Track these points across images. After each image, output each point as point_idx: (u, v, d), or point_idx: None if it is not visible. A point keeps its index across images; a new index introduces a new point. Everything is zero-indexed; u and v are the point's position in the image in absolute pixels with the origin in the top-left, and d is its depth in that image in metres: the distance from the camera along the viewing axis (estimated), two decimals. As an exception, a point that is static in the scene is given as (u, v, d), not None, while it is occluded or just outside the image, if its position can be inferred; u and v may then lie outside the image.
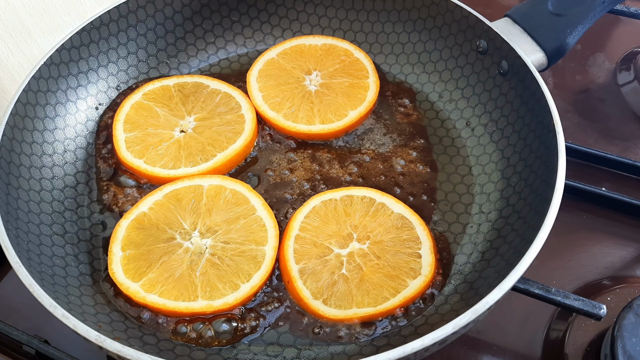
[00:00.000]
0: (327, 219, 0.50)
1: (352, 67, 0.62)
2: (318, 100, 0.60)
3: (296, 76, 0.62)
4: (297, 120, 0.58)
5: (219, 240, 0.49)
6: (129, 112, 0.58)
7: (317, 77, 0.62)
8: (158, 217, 0.51)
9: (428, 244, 0.49)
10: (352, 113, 0.59)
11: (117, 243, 0.49)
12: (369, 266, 0.47)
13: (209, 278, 0.47)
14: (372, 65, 0.63)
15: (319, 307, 0.45)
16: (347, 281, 0.46)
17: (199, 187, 0.52)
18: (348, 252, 0.48)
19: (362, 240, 0.48)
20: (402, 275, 0.47)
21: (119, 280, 0.47)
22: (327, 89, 0.61)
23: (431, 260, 0.48)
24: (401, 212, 0.50)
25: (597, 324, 0.50)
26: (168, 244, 0.49)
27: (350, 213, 0.50)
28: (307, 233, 0.49)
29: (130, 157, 0.55)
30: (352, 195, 0.51)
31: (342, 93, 0.60)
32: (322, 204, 0.51)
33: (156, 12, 0.64)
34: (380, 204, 0.51)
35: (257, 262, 0.48)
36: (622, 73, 0.75)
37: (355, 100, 0.60)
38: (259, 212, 0.51)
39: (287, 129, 0.58)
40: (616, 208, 0.60)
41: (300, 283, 0.46)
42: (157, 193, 0.52)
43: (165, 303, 0.46)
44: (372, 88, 0.61)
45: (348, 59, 0.63)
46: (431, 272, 0.47)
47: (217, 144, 0.56)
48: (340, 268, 0.47)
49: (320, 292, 0.46)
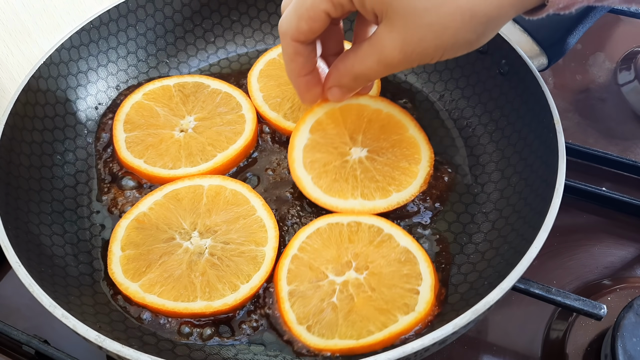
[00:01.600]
0: (330, 242, 0.48)
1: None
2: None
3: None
4: (297, 120, 0.58)
5: (219, 241, 0.49)
6: (129, 112, 0.58)
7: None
8: (158, 217, 0.51)
9: (429, 282, 0.46)
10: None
11: (117, 243, 0.49)
12: (361, 297, 0.45)
13: (208, 278, 0.47)
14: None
15: (302, 333, 0.44)
16: (335, 310, 0.44)
17: (199, 187, 0.52)
18: (343, 281, 0.46)
19: (360, 270, 0.46)
20: (393, 309, 0.44)
21: (118, 280, 0.47)
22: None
23: (429, 298, 0.44)
24: (407, 246, 0.48)
25: (598, 324, 0.50)
26: (168, 244, 0.49)
27: (354, 240, 0.48)
28: (305, 254, 0.47)
29: (130, 157, 0.55)
30: (361, 222, 0.49)
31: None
32: (327, 226, 0.49)
33: (156, 11, 0.64)
34: (388, 235, 0.48)
35: (257, 263, 0.48)
36: (622, 73, 0.75)
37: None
38: (259, 213, 0.51)
39: (287, 129, 0.58)
40: (616, 208, 0.60)
41: (288, 305, 0.45)
42: (157, 193, 0.52)
43: (165, 303, 0.46)
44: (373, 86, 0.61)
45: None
46: (426, 310, 0.44)
47: (217, 144, 0.56)
48: (331, 296, 0.45)
49: (306, 318, 0.44)
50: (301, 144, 0.53)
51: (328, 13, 0.42)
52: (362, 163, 0.53)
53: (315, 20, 0.42)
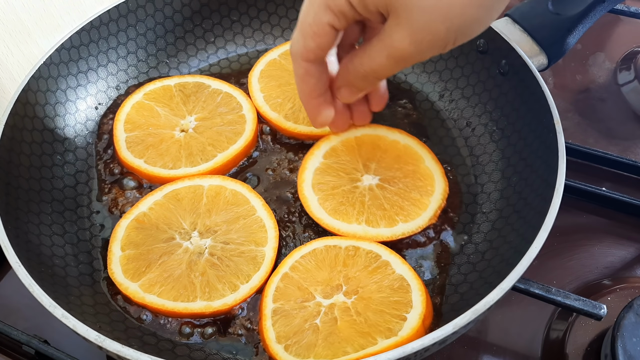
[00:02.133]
0: (323, 264, 0.47)
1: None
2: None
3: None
4: (298, 121, 0.58)
5: (219, 241, 0.49)
6: (129, 112, 0.58)
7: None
8: (158, 217, 0.50)
9: (419, 310, 0.44)
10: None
11: (117, 243, 0.49)
12: (344, 320, 0.44)
13: (208, 278, 0.47)
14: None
15: (278, 352, 0.43)
16: (316, 332, 0.43)
17: (199, 187, 0.52)
18: (329, 304, 0.45)
19: (349, 294, 0.45)
20: (374, 333, 0.43)
21: (118, 280, 0.47)
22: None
23: (415, 325, 0.43)
24: (403, 274, 0.46)
25: (598, 324, 0.50)
26: (167, 244, 0.49)
27: (349, 264, 0.47)
28: (296, 274, 0.47)
29: (130, 157, 0.55)
30: (359, 247, 0.48)
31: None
32: (324, 248, 0.48)
33: (156, 11, 0.64)
34: (385, 261, 0.47)
35: (257, 263, 0.48)
36: (622, 73, 0.75)
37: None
38: (259, 213, 0.51)
39: (288, 130, 0.58)
40: (616, 208, 0.60)
41: (269, 323, 0.44)
42: (157, 193, 0.52)
43: (165, 303, 0.46)
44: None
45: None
46: (409, 335, 0.42)
47: (217, 144, 0.56)
48: (315, 317, 0.44)
49: (286, 337, 0.43)
50: (313, 167, 0.53)
51: (332, 25, 0.41)
52: (372, 190, 0.52)
53: (321, 35, 0.42)
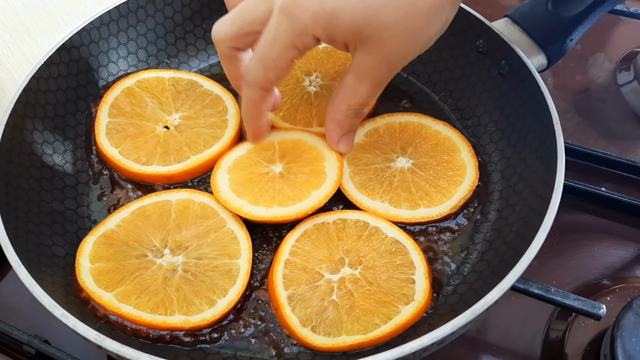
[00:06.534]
0: (319, 243, 0.48)
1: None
2: (317, 102, 0.59)
3: (295, 76, 0.62)
4: (295, 122, 0.58)
5: (191, 257, 0.47)
6: (118, 95, 0.57)
7: (317, 78, 0.61)
8: (127, 234, 0.49)
9: (422, 270, 0.46)
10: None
11: (85, 256, 0.47)
12: (360, 292, 0.45)
13: (184, 294, 0.45)
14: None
15: (308, 335, 0.43)
16: (337, 308, 0.44)
17: (167, 203, 0.51)
18: (339, 278, 0.46)
19: (354, 266, 0.47)
20: (394, 301, 0.45)
21: (91, 289, 0.45)
22: (327, 91, 0.61)
23: (425, 286, 0.46)
24: (395, 237, 0.48)
25: (597, 324, 0.51)
26: (140, 261, 0.47)
27: (342, 237, 0.48)
28: (297, 257, 0.47)
29: (106, 144, 0.54)
30: (346, 219, 0.49)
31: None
32: (314, 227, 0.49)
33: (156, 12, 0.64)
34: (374, 227, 0.49)
35: (232, 277, 0.46)
36: (622, 73, 0.75)
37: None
38: (230, 225, 0.49)
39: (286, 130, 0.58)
40: (616, 208, 0.60)
41: (289, 310, 0.44)
42: (123, 210, 0.50)
43: (142, 315, 0.44)
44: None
45: (348, 62, 0.63)
46: (425, 298, 0.45)
47: (194, 146, 0.55)
48: (330, 294, 0.45)
49: (309, 319, 0.44)
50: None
51: (295, 58, 0.43)
52: (402, 173, 0.53)
53: (283, 69, 0.44)
